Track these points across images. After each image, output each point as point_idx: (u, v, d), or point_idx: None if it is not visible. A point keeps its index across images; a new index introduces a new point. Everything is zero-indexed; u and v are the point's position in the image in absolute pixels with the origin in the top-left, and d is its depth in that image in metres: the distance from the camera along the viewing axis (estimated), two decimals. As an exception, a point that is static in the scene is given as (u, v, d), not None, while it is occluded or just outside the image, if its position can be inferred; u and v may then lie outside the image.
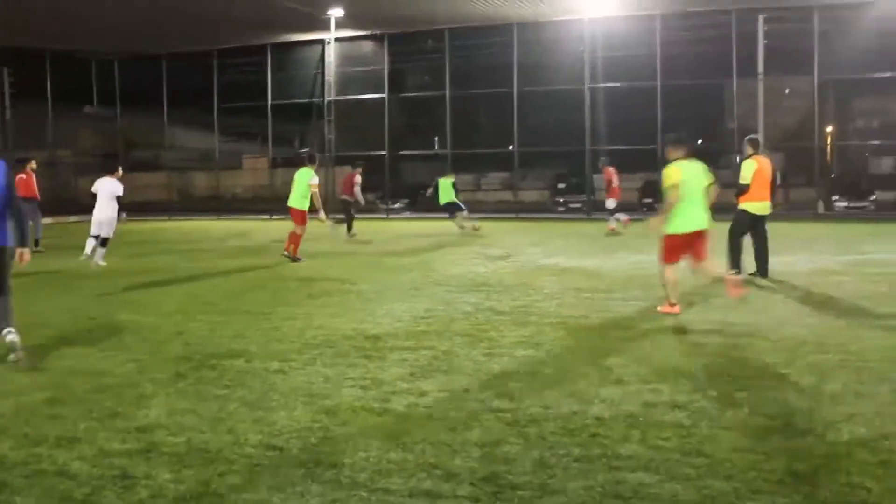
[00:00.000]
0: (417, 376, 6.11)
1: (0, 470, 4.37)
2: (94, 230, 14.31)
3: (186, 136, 36.19)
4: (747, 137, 11.97)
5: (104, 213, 14.27)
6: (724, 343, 7.12)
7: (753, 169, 11.21)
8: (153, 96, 33.60)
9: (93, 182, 14.53)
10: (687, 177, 8.50)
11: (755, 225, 11.53)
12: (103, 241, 14.40)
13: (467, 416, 5.12)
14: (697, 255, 8.60)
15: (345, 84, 31.53)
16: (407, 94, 32.24)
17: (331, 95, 31.31)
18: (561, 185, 32.01)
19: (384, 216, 28.80)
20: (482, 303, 9.43)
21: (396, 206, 30.87)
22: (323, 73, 31.58)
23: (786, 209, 27.09)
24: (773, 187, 11.68)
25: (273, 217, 29.14)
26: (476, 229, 20.65)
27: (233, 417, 5.18)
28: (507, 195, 31.96)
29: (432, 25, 28.89)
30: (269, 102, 31.78)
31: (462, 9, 26.00)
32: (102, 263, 14.28)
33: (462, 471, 4.22)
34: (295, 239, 14.54)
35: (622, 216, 20.86)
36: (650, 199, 29.04)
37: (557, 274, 12.10)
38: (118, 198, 14.39)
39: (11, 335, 6.81)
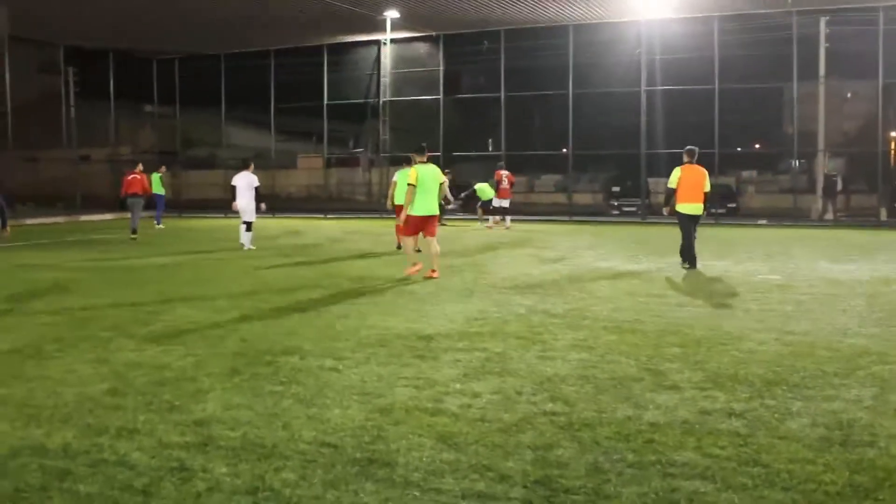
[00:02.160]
0: (471, 377, 6.11)
1: (64, 458, 4.49)
2: (245, 217, 16.87)
3: (243, 135, 36.68)
4: (686, 148, 13.51)
5: (244, 202, 16.82)
6: (782, 351, 6.98)
7: (678, 176, 13.12)
8: (211, 95, 34.13)
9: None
10: (424, 176, 11.84)
11: (689, 222, 13.15)
12: (248, 226, 16.80)
13: (520, 419, 5.10)
14: (428, 232, 12.08)
15: (400, 85, 31.67)
16: (462, 96, 32.24)
17: (386, 96, 31.48)
18: (615, 189, 31.75)
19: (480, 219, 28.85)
20: (536, 305, 9.39)
21: (450, 206, 30.90)
22: (378, 74, 31.77)
23: (847, 216, 26.57)
24: (704, 191, 13.18)
25: (328, 216, 29.41)
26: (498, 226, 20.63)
27: (287, 413, 5.24)
28: (560, 198, 31.79)
29: (488, 27, 28.90)
30: (325, 102, 32.06)
31: (518, 10, 25.97)
32: (251, 247, 16.62)
33: (515, 473, 4.20)
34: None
35: (494, 218, 23.91)
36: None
37: (611, 277, 12.01)
38: (256, 188, 17.00)
39: None
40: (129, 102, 36.83)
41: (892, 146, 29.74)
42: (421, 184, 11.81)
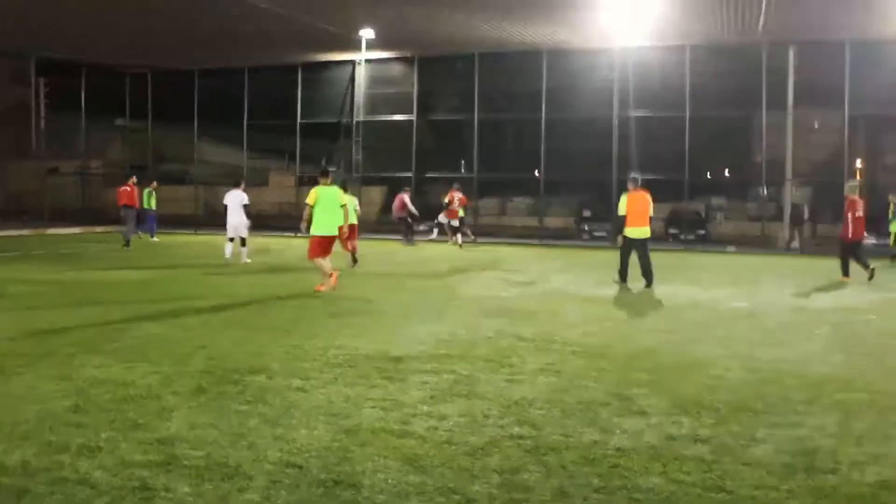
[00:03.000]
0: (438, 400, 6.09)
1: (23, 476, 4.41)
2: (230, 234, 17.82)
3: (215, 152, 36.50)
4: (630, 175, 14.49)
5: (235, 219, 17.75)
6: (749, 378, 7.04)
7: (626, 202, 14.03)
8: (184, 111, 33.94)
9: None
10: (323, 197, 12.63)
11: (636, 246, 14.05)
12: (243, 241, 17.86)
13: (487, 442, 5.09)
14: (328, 251, 12.80)
15: (373, 105, 31.71)
16: (435, 118, 32.34)
17: (359, 116, 31.51)
18: (586, 213, 31.95)
19: (442, 239, 28.86)
20: (505, 328, 9.40)
21: (421, 228, 30.91)
22: (352, 94, 31.80)
23: (815, 244, 26.90)
24: (649, 216, 14.20)
25: (298, 234, 29.28)
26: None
27: (253, 433, 5.19)
28: (531, 221, 31.92)
29: (462, 49, 29.05)
30: (298, 121, 32.02)
31: (493, 34, 26.13)
32: (248, 260, 17.37)
33: (481, 497, 4.20)
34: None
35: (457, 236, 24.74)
36: (676, 230, 28.93)
37: (581, 302, 12.06)
38: (245, 206, 17.85)
39: None
40: (101, 116, 36.53)
41: (857, 177, 30.21)
42: (319, 204, 12.55)
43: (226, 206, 18.13)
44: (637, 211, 13.98)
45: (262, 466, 4.59)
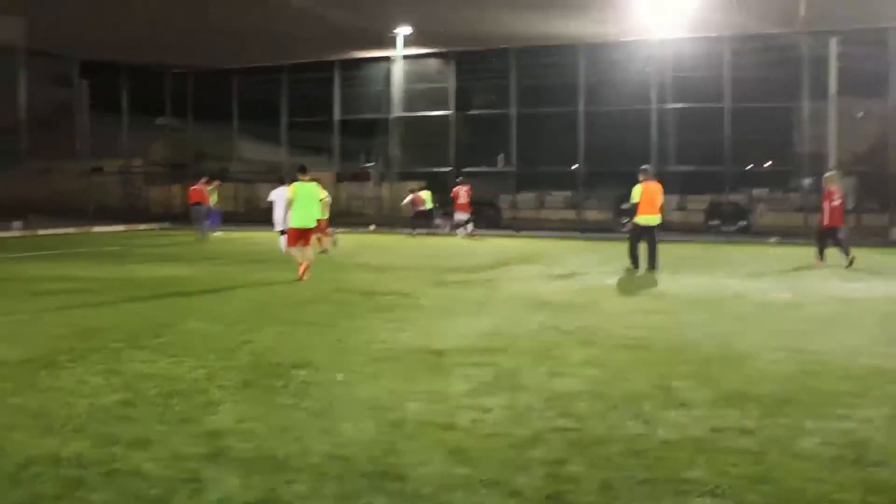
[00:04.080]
0: (482, 392, 6.11)
1: (78, 467, 4.51)
2: (278, 228, 18.37)
3: (254, 150, 36.82)
4: (641, 167, 15.64)
5: (281, 214, 17.51)
6: (794, 370, 6.95)
7: (640, 192, 15.16)
8: (223, 109, 34.28)
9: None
10: (301, 193, 13.73)
11: (645, 233, 15.17)
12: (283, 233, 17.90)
13: (532, 435, 5.10)
14: (306, 242, 13.87)
15: (411, 101, 31.76)
16: (473, 112, 32.31)
17: (397, 112, 31.59)
18: (624, 206, 31.67)
19: (448, 232, 28.87)
20: (547, 321, 9.39)
21: (468, 221, 30.95)
22: (389, 90, 31.89)
23: (858, 235, 26.44)
24: (661, 205, 15.42)
25: (338, 230, 29.47)
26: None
27: (299, 427, 5.25)
28: (570, 214, 31.77)
29: (499, 44, 29.01)
30: (336, 118, 32.19)
31: (529, 29, 26.06)
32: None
33: (526, 489, 4.21)
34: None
35: (466, 228, 25.94)
36: (716, 222, 28.61)
37: (622, 294, 12.02)
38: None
39: None
40: (142, 115, 37.01)
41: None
42: (298, 199, 13.71)
43: (272, 203, 19.04)
44: (650, 200, 15.12)
45: (309, 459, 4.64)
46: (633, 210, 15.31)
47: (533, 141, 32.14)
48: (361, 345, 7.93)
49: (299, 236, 13.92)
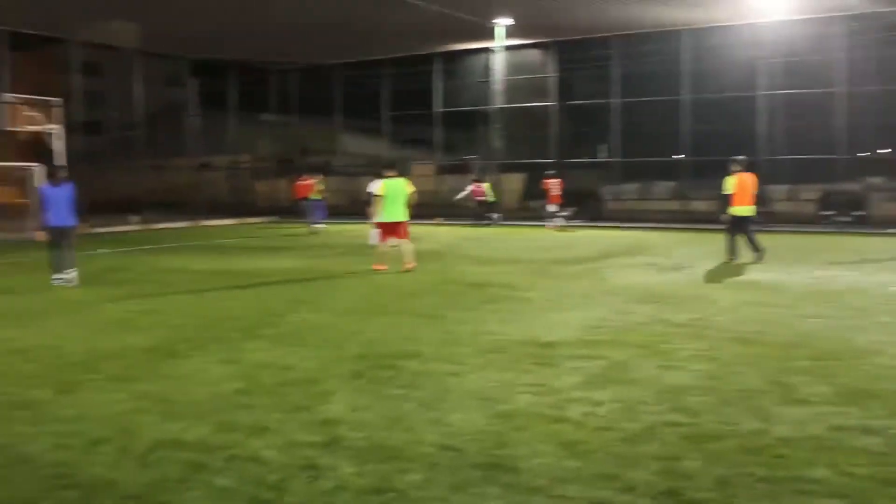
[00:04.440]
0: (592, 385, 6.07)
1: (200, 452, 4.69)
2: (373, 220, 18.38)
3: (357, 143, 37.38)
4: (732, 159, 15.44)
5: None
6: (920, 366, 6.65)
7: (733, 183, 15.15)
8: (327, 104, 34.93)
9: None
10: (390, 189, 14.25)
11: (742, 224, 15.29)
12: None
13: (644, 429, 5.04)
14: (399, 235, 14.27)
15: (511, 92, 31.67)
16: (574, 102, 31.99)
17: (498, 103, 31.54)
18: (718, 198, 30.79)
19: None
20: (656, 314, 9.23)
21: (563, 214, 30.69)
22: (490, 81, 31.87)
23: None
24: (753, 194, 15.27)
25: (441, 223, 29.71)
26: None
27: (410, 417, 5.32)
28: (674, 205, 31.12)
29: (599, 33, 28.63)
30: (437, 110, 32.37)
31: (631, 15, 25.62)
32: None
33: (640, 483, 4.16)
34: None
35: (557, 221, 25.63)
36: (829, 212, 27.55)
37: (733, 287, 11.69)
38: None
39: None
40: (249, 112, 38.08)
41: None
42: (388, 195, 14.15)
43: (370, 195, 18.73)
44: (744, 191, 15.18)
45: (420, 449, 4.70)
46: (726, 202, 15.38)
47: (636, 130, 31.62)
48: (469, 336, 7.98)
49: (390, 230, 14.31)
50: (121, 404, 5.72)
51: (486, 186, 27.84)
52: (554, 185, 26.20)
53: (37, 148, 26.14)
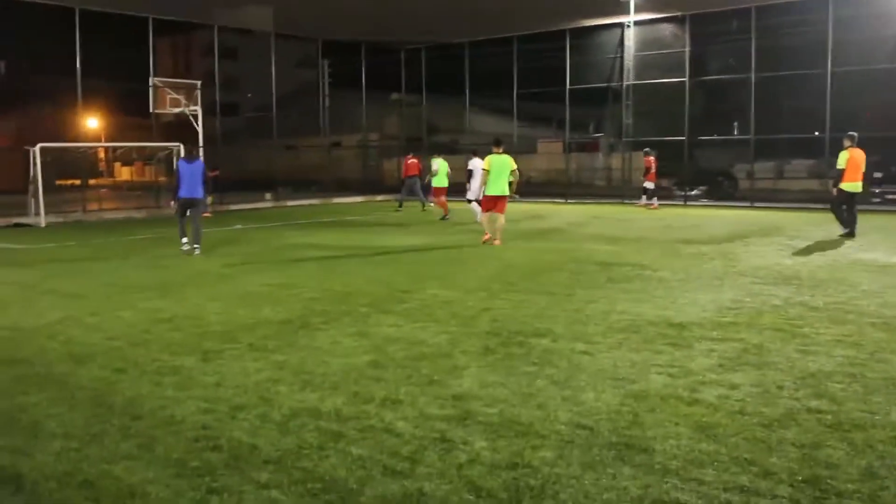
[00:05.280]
0: (727, 368, 5.91)
1: (336, 421, 4.84)
2: (470, 196, 19.21)
3: (485, 121, 37.37)
4: (847, 133, 15.87)
5: (476, 183, 18.76)
6: None
7: (846, 158, 15.44)
8: (455, 83, 35.03)
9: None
10: (495, 164, 14.74)
11: (849, 200, 15.68)
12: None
13: (782, 414, 4.88)
14: (498, 209, 14.84)
15: (643, 68, 30.95)
16: (708, 77, 30.99)
17: (629, 79, 30.90)
18: (877, 175, 29.21)
19: (681, 203, 28.04)
20: (792, 297, 8.90)
21: (694, 192, 29.89)
22: (621, 58, 31.23)
23: None
24: (866, 172, 15.74)
25: (568, 201, 29.47)
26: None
27: (542, 394, 5.33)
28: (812, 184, 29.79)
29: (737, 4, 27.58)
30: (567, 87, 31.98)
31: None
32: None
33: (779, 470, 4.04)
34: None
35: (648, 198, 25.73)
36: None
37: (876, 270, 11.12)
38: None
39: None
40: (378, 91, 38.63)
41: None
42: (493, 170, 14.74)
43: (469, 172, 19.63)
44: (856, 167, 15.51)
45: (552, 426, 4.70)
46: (839, 176, 15.69)
47: (773, 106, 30.36)
48: (600, 315, 7.90)
49: (492, 204, 14.88)
50: (260, 373, 5.95)
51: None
52: (651, 162, 25.98)
53: (180, 129, 27.38)
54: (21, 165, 22.94)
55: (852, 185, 15.55)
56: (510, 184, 14.77)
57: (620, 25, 31.00)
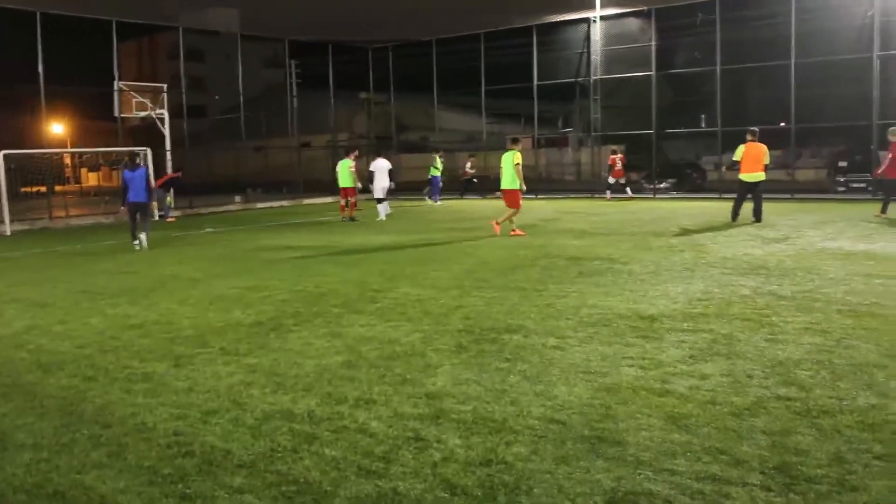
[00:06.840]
0: (697, 359, 5.97)
1: (310, 423, 4.83)
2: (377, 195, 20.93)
3: (454, 119, 37.41)
4: (749, 129, 17.19)
5: (378, 183, 20.99)
6: None
7: (742, 151, 16.99)
8: (423, 81, 35.05)
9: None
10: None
11: (750, 189, 17.06)
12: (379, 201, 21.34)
13: (752, 403, 4.94)
14: (505, 202, 16.25)
15: (610, 62, 31.12)
16: (674, 71, 31.21)
17: (596, 74, 31.05)
18: (842, 164, 29.58)
19: (651, 196, 28.24)
20: (761, 286, 9.00)
21: (662, 185, 30.12)
22: (588, 53, 31.38)
23: None
24: (764, 164, 16.85)
25: (538, 196, 29.54)
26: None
27: (514, 390, 5.35)
28: (779, 175, 30.09)
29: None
30: (535, 83, 32.07)
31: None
32: (383, 218, 21.08)
33: (750, 458, 4.09)
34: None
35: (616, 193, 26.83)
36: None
37: (842, 258, 11.27)
38: (389, 171, 21.48)
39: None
40: (346, 91, 38.52)
41: None
42: (502, 166, 16.05)
43: (372, 173, 21.07)
44: (752, 159, 16.77)
45: (526, 421, 4.72)
46: (733, 166, 17.57)
47: (739, 98, 30.67)
48: (571, 310, 7.94)
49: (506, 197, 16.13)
50: (232, 377, 5.92)
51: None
52: (617, 160, 27.19)
53: (147, 132, 27.14)
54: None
55: (749, 175, 16.90)
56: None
57: (587, 20, 31.16)
